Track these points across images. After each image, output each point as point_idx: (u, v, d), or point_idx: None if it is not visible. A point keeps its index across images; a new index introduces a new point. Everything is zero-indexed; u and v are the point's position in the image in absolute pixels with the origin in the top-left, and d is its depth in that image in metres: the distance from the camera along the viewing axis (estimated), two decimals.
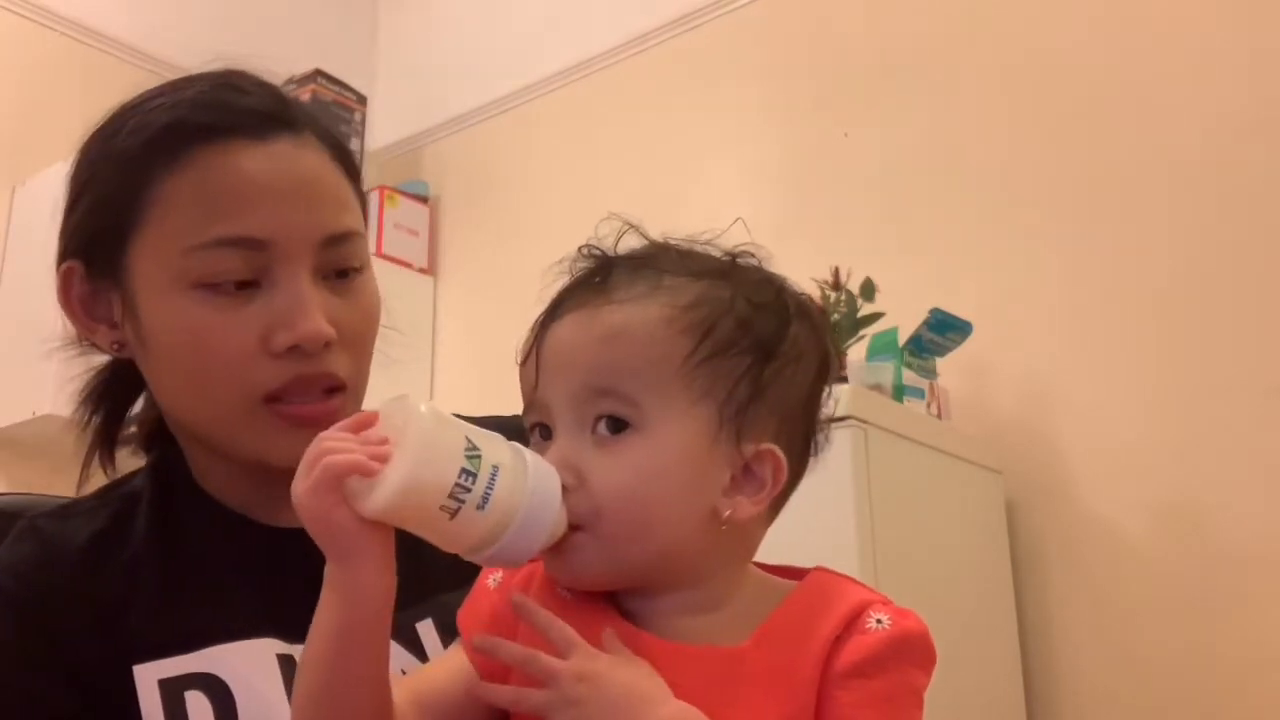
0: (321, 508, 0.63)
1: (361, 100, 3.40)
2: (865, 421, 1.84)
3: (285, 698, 0.75)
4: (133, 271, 0.82)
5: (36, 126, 2.99)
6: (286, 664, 0.79)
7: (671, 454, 0.66)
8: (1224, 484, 2.06)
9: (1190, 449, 2.11)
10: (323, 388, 0.81)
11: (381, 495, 0.61)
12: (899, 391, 2.07)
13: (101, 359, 0.92)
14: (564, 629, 0.63)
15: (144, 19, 3.26)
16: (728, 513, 0.68)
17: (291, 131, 0.84)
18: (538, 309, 0.74)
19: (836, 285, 2.15)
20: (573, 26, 3.29)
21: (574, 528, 0.65)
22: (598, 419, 0.66)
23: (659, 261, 0.70)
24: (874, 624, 0.65)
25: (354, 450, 0.62)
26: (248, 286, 0.80)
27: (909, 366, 2.12)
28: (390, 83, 3.58)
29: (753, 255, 0.74)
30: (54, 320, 0.90)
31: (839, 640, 0.64)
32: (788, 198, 2.75)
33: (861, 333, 2.15)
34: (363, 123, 3.25)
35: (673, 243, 0.74)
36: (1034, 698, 2.15)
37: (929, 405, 2.13)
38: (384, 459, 0.61)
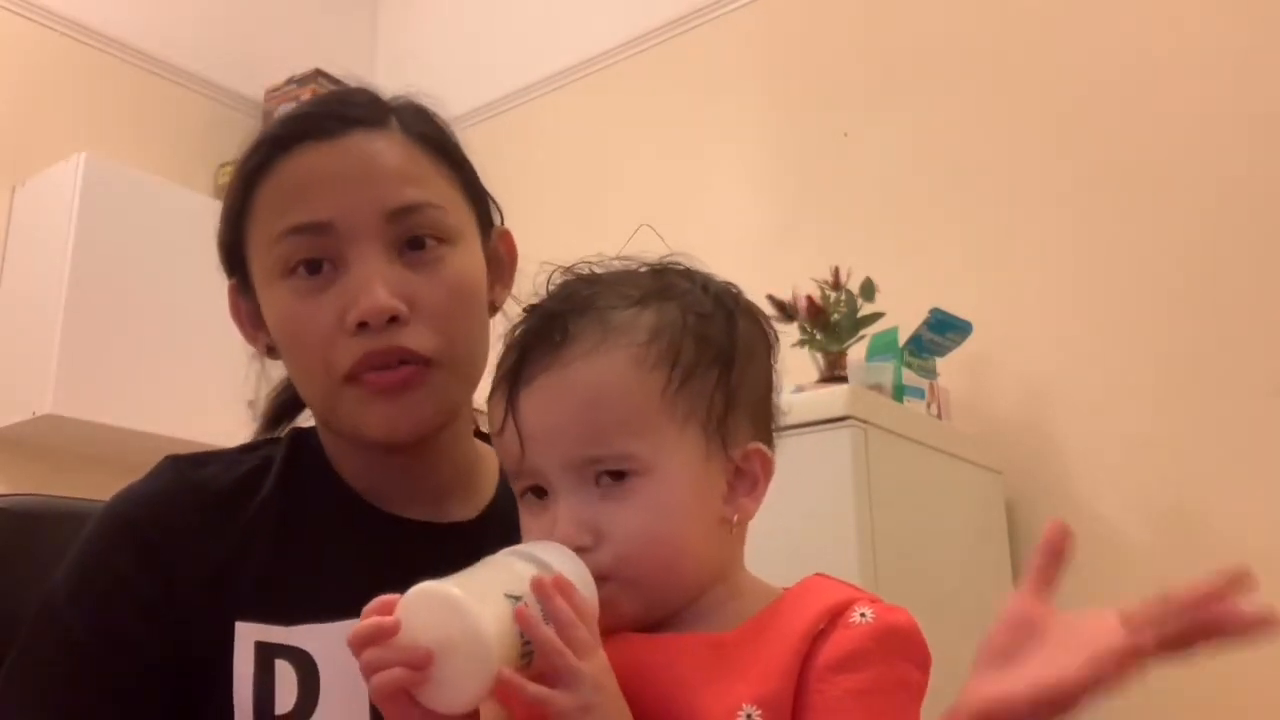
0: (392, 714, 0.62)
1: None
2: (865, 421, 1.84)
3: (364, 681, 0.80)
4: (253, 278, 0.89)
5: (36, 126, 2.99)
6: None
7: (677, 486, 0.68)
8: (1224, 484, 2.06)
9: (1191, 449, 2.11)
10: (397, 361, 0.83)
11: (461, 701, 0.60)
12: (899, 391, 2.07)
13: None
14: (585, 635, 0.62)
15: (143, 18, 3.26)
16: (735, 516, 0.71)
17: (368, 126, 0.88)
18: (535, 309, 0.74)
19: (836, 285, 2.15)
20: (573, 26, 3.29)
21: (600, 579, 0.66)
22: (599, 475, 0.68)
23: (599, 299, 0.71)
24: (858, 618, 0.65)
25: (393, 665, 0.60)
26: (329, 271, 0.84)
27: (909, 366, 2.12)
28: (390, 83, 3.57)
29: (677, 261, 0.76)
30: (53, 320, 0.93)
31: (822, 634, 0.64)
32: (788, 197, 2.75)
33: (861, 333, 2.15)
34: None
35: (598, 270, 0.75)
36: None
37: (929, 405, 2.13)
38: (425, 665, 0.59)
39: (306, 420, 0.97)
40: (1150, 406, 2.17)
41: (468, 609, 0.59)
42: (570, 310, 0.70)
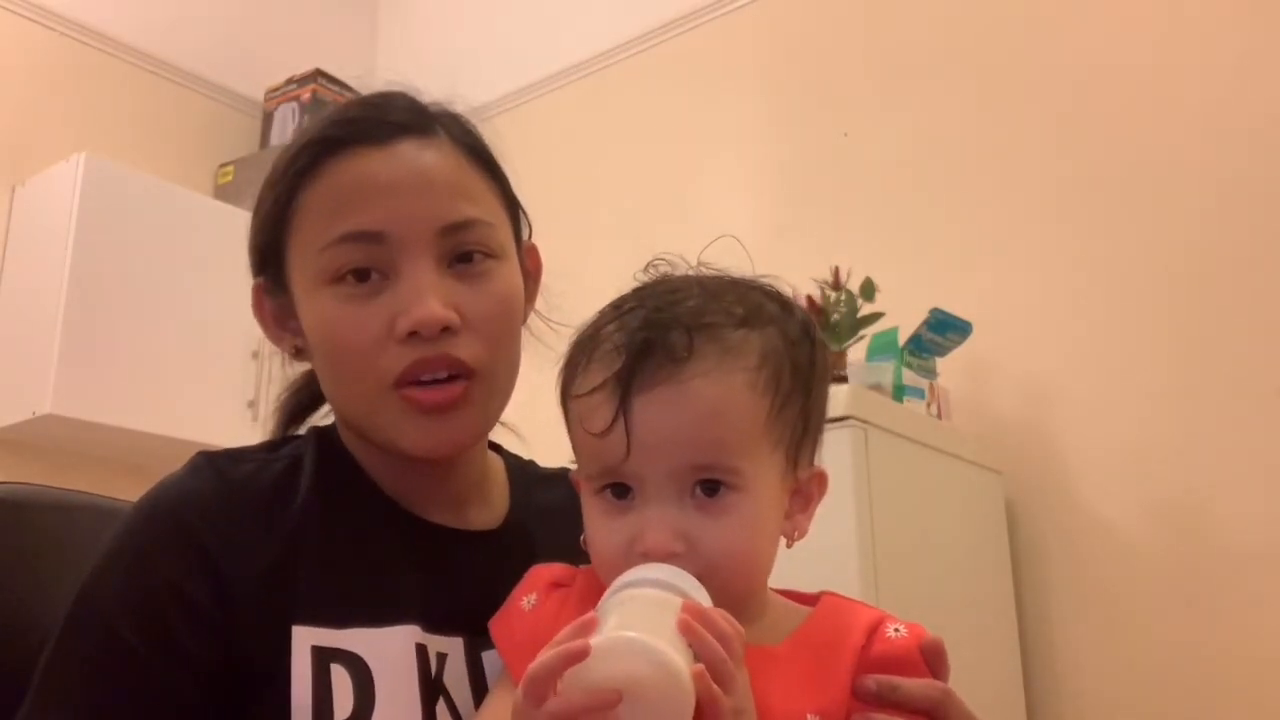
0: None
1: None
2: (865, 421, 1.84)
3: (416, 685, 0.81)
4: (291, 279, 0.88)
5: (36, 126, 2.99)
6: (421, 653, 0.82)
7: (762, 504, 0.73)
8: (1224, 484, 2.06)
9: (1191, 449, 2.11)
10: (445, 371, 0.83)
11: None
12: (899, 391, 2.07)
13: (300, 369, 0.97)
14: (740, 649, 0.63)
15: (144, 19, 3.26)
16: (796, 533, 0.77)
17: (419, 135, 0.88)
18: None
19: (836, 285, 2.15)
20: (572, 27, 3.29)
21: None
22: (695, 486, 0.71)
23: (708, 314, 0.74)
24: (892, 633, 0.72)
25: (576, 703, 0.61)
26: (377, 280, 0.84)
27: (909, 366, 2.12)
28: (390, 83, 3.58)
29: (768, 282, 0.79)
30: (53, 320, 0.92)
31: (864, 649, 0.71)
32: (788, 198, 2.75)
33: (861, 333, 2.15)
34: None
35: (693, 277, 0.78)
36: (1034, 698, 2.15)
37: (929, 405, 2.13)
38: (615, 704, 0.60)
39: (321, 418, 0.97)
40: (1150, 406, 2.17)
41: (660, 649, 0.60)
42: (690, 325, 0.72)
